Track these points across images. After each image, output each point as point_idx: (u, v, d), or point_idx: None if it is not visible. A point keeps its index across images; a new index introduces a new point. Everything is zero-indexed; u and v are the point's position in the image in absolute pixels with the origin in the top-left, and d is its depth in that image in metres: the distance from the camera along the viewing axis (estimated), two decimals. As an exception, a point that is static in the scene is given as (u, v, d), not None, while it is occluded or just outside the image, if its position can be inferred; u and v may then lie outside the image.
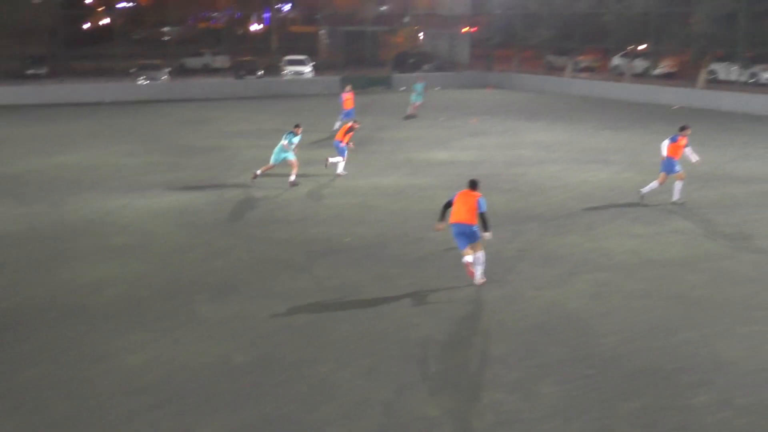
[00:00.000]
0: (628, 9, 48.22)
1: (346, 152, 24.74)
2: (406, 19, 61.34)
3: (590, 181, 23.81)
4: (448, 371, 11.31)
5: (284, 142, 22.74)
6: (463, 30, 64.21)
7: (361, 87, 51.95)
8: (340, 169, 24.72)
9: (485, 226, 14.34)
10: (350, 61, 56.98)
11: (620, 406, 10.20)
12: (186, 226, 19.16)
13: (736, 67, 45.33)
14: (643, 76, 50.93)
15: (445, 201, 14.86)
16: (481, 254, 14.48)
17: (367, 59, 56.86)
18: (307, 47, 59.25)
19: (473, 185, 14.51)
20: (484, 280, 14.68)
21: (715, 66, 49.42)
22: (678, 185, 20.81)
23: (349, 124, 25.77)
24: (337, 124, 32.68)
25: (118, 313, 13.44)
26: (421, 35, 63.55)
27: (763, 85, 47.15)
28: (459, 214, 14.26)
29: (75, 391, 10.71)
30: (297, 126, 23.42)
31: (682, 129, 20.90)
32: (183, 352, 11.88)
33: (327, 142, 28.66)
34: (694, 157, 20.96)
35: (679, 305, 13.68)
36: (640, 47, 51.49)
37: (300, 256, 16.65)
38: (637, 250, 16.88)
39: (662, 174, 20.68)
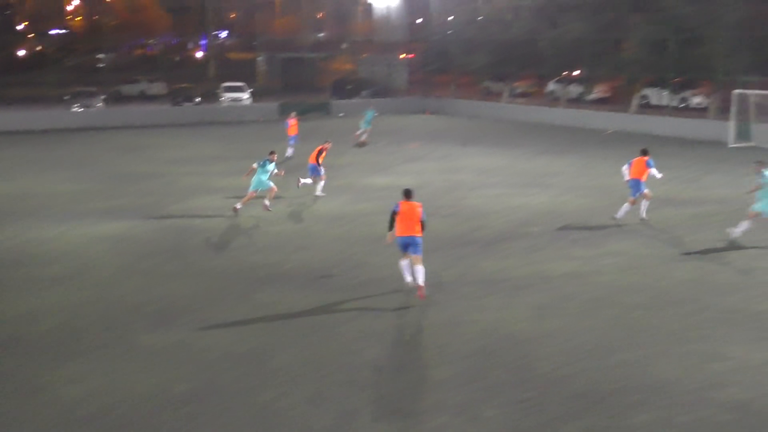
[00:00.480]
0: (563, 35, 49.09)
1: (322, 172, 25.35)
2: (344, 46, 61.65)
3: (529, 205, 24.09)
4: (393, 396, 11.27)
5: (268, 168, 22.62)
6: (401, 56, 64.73)
7: (299, 113, 51.90)
8: (318, 191, 25.46)
9: (422, 230, 15.35)
10: (288, 87, 56.97)
11: (562, 427, 10.27)
12: (124, 254, 18.88)
13: (666, 93, 46.41)
14: (577, 102, 51.87)
15: (390, 211, 15.52)
16: (421, 266, 15.16)
17: (305, 85, 56.91)
18: (245, 74, 59.09)
19: (410, 194, 15.46)
20: (423, 287, 15.21)
21: (647, 91, 50.59)
22: (644, 204, 21.66)
23: (321, 146, 26.06)
24: (289, 151, 32.95)
25: (55, 344, 13.15)
26: (359, 61, 63.87)
27: (693, 109, 48.35)
28: (406, 228, 15.20)
29: (13, 424, 10.42)
30: (272, 153, 23.39)
31: (644, 152, 21.84)
32: (123, 382, 11.65)
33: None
34: (659, 174, 21.72)
35: (617, 326, 13.87)
36: (575, 73, 52.46)
37: (240, 283, 16.51)
38: (576, 272, 17.10)
39: (631, 198, 21.59)
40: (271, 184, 22.95)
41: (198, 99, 53.83)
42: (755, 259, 18.07)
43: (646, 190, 21.44)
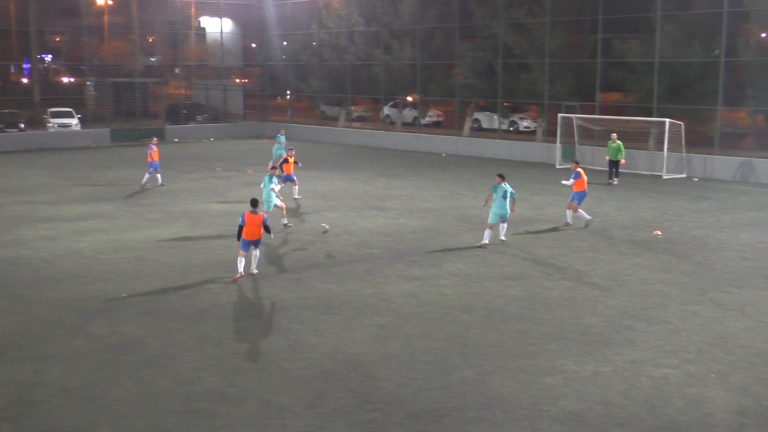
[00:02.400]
0: (396, 60, 50.11)
1: (294, 178, 28.66)
2: (177, 71, 60.61)
3: (368, 228, 24.34)
4: (235, 425, 11.08)
5: (272, 186, 23.42)
6: (237, 81, 64.25)
7: (133, 139, 50.68)
8: (296, 194, 28.51)
9: (268, 231, 18.53)
10: (120, 113, 55.38)
11: (406, 446, 10.38)
12: (-57, 289, 17.78)
13: (497, 116, 48.12)
14: (412, 125, 52.95)
15: (238, 225, 18.40)
16: (257, 252, 18.62)
17: (137, 111, 55.45)
18: (74, 99, 57.00)
19: (255, 204, 18.43)
20: (257, 271, 18.63)
21: (479, 115, 52.29)
22: (572, 214, 24.78)
23: (288, 156, 29.25)
24: (146, 177, 32.48)
25: None
26: (194, 86, 62.96)
27: (522, 132, 50.30)
28: (252, 234, 18.27)
29: None
30: (273, 168, 25.85)
31: (577, 163, 25.70)
32: (-56, 426, 10.95)
33: (109, 194, 27.56)
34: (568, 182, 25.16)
35: (455, 345, 14.18)
36: (409, 97, 53.57)
37: (73, 315, 15.86)
38: (416, 292, 17.39)
39: (574, 204, 24.71)
40: (278, 201, 23.62)
41: (22, 125, 51.46)
42: (583, 275, 18.93)
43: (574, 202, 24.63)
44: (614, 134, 34.20)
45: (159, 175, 33.02)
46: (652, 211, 27.07)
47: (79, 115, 52.87)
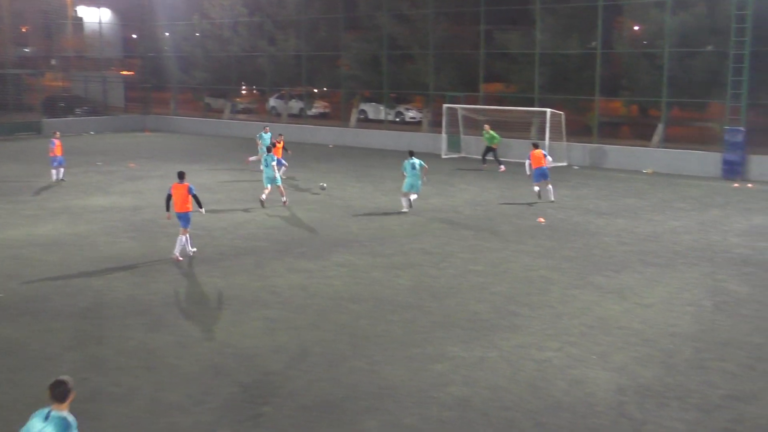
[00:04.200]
0: (281, 51, 49.76)
1: (283, 161, 31.33)
2: (54, 62, 58.65)
3: (255, 220, 24.15)
4: (122, 424, 10.85)
5: (273, 163, 26.00)
6: (117, 72, 62.61)
7: (7, 133, 48.81)
8: (280, 173, 29.51)
9: (199, 204, 19.58)
10: (-8, 105, 53.20)
11: (297, 439, 10.38)
12: None
13: (383, 107, 48.38)
14: (299, 117, 52.71)
15: (166, 194, 19.46)
16: (184, 237, 19.29)
17: (11, 104, 53.41)
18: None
19: (182, 176, 19.24)
20: (195, 249, 19.80)
21: (365, 106, 52.46)
22: (550, 188, 27.25)
23: (277, 141, 32.26)
24: (53, 173, 31.50)
25: None
26: (72, 78, 61.09)
27: (408, 123, 50.74)
28: (177, 204, 19.21)
29: None
30: (269, 150, 27.12)
31: (536, 146, 28.26)
32: None
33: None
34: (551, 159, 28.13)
35: (345, 335, 14.24)
36: (295, 89, 53.32)
37: (-54, 317, 15.21)
38: (304, 284, 17.36)
39: (540, 182, 27.25)
40: (279, 181, 26.24)
41: None
42: (468, 263, 19.26)
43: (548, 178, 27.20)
44: (486, 125, 35.79)
45: (62, 170, 31.89)
46: (534, 199, 27.73)
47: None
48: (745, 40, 32.19)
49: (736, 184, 31.43)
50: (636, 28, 40.56)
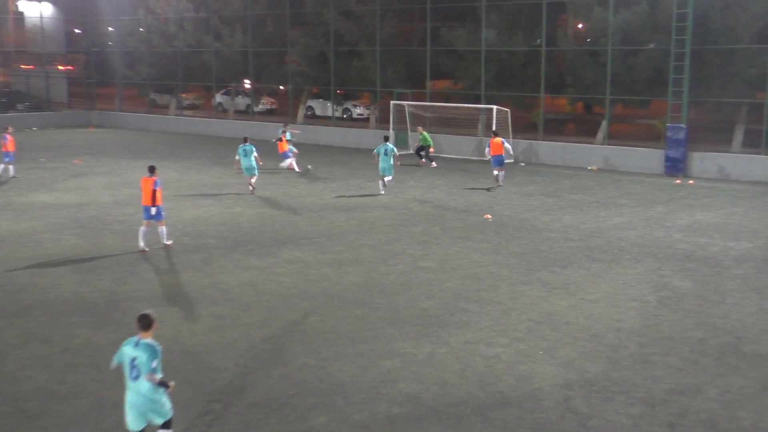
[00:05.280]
0: (228, 47, 49.37)
1: (290, 154, 33.71)
2: (-8, 56, 57.57)
3: (203, 217, 23.97)
4: (67, 423, 10.72)
5: (255, 154, 28.20)
6: (60, 68, 61.56)
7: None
8: (286, 164, 33.58)
9: (154, 200, 19.45)
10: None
11: (247, 436, 10.34)
12: None
13: (330, 104, 48.27)
14: (246, 113, 52.34)
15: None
16: (164, 227, 20.02)
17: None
18: None
19: (152, 170, 19.71)
20: (171, 242, 20.33)
21: (312, 103, 52.30)
22: (501, 174, 29.97)
23: (280, 137, 34.31)
24: (7, 169, 30.94)
25: None
26: (13, 73, 59.97)
27: (356, 119, 50.70)
28: (144, 198, 19.60)
29: None
30: (245, 139, 28.74)
31: (496, 134, 30.47)
32: None
33: None
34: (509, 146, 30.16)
35: (294, 332, 14.22)
36: (242, 85, 52.95)
37: None
38: (253, 281, 17.29)
39: (497, 168, 29.74)
40: (257, 171, 28.33)
41: None
42: (418, 259, 19.34)
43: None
44: (420, 127, 37.30)
45: (11, 167, 31.26)
46: (482, 195, 27.94)
47: None
48: (687, 38, 32.74)
49: (678, 181, 31.99)
50: (580, 26, 41.02)
